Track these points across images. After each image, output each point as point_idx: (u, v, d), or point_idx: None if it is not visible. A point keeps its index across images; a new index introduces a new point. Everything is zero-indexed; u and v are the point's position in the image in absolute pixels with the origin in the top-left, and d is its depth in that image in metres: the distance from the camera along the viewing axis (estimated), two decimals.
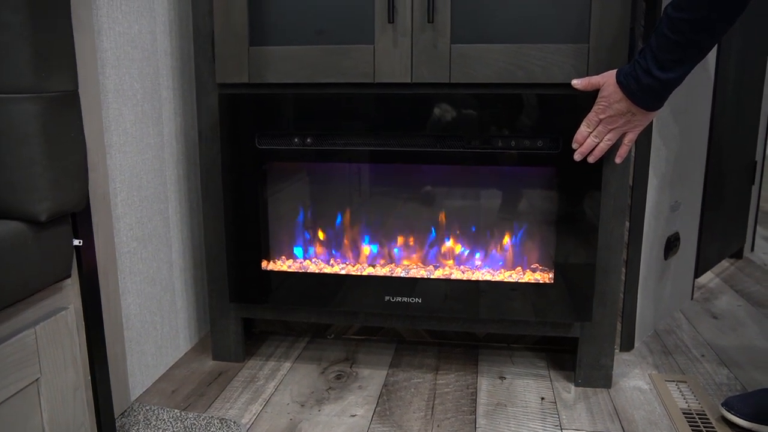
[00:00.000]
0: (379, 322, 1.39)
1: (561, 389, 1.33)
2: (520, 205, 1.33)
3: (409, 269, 1.34)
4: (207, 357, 1.46)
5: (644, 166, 1.39)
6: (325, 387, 1.33)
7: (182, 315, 1.47)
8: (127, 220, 1.24)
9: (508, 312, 1.29)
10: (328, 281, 1.34)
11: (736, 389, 1.32)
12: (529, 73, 1.18)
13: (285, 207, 1.39)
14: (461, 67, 1.20)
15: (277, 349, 1.51)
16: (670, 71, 1.05)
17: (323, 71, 1.23)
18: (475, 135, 1.23)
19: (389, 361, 1.44)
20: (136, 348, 1.28)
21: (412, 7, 1.18)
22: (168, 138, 1.37)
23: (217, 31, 1.25)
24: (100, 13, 1.12)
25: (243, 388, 1.33)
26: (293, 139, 1.28)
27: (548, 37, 1.17)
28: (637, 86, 1.08)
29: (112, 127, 1.17)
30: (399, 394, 1.30)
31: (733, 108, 1.87)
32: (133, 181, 1.25)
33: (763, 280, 2.02)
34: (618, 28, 1.15)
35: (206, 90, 1.30)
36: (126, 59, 1.20)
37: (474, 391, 1.31)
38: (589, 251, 1.24)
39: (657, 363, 1.44)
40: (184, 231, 1.46)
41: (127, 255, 1.24)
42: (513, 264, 1.34)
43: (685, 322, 1.68)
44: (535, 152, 1.22)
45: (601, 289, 1.28)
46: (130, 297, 1.26)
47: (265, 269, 1.35)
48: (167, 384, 1.35)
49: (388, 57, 1.21)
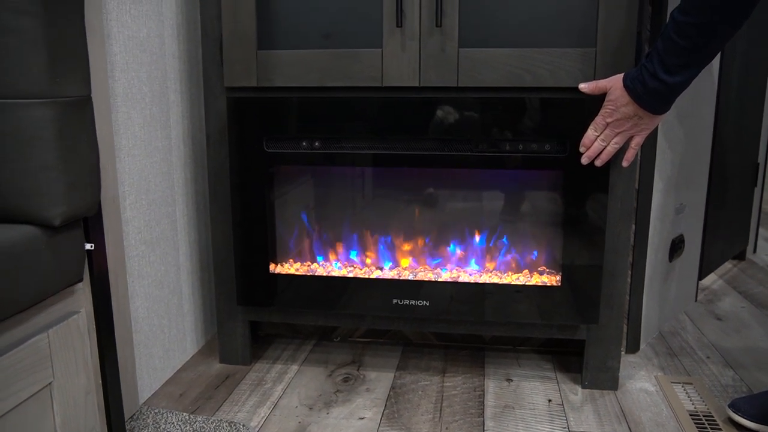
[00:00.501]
0: (386, 324, 1.39)
1: (568, 391, 1.33)
2: (527, 208, 1.34)
3: (417, 272, 1.34)
4: (214, 360, 1.47)
5: (650, 169, 1.39)
6: (332, 390, 1.33)
7: (189, 318, 1.47)
8: (136, 223, 1.24)
9: (515, 315, 1.30)
10: (335, 284, 1.34)
11: (741, 391, 1.33)
12: (537, 77, 1.18)
13: (293, 210, 1.39)
14: (469, 71, 1.20)
15: (284, 352, 1.51)
16: (677, 75, 1.05)
17: (331, 75, 1.24)
18: (482, 138, 1.23)
19: (396, 364, 1.45)
20: (144, 351, 1.29)
21: (420, 11, 1.19)
22: (176, 141, 1.38)
23: (225, 34, 1.25)
24: (110, 17, 1.12)
25: (251, 391, 1.33)
26: (301, 143, 1.29)
27: (555, 41, 1.18)
28: (643, 90, 1.08)
29: (121, 130, 1.18)
30: (407, 396, 1.31)
31: (735, 111, 1.88)
32: (142, 184, 1.25)
33: (766, 282, 2.03)
34: (624, 32, 1.15)
35: (214, 93, 1.31)
36: (135, 63, 1.21)
37: (481, 394, 1.32)
38: (595, 254, 1.25)
39: (663, 365, 1.45)
40: (192, 234, 1.47)
41: (136, 258, 1.25)
42: (520, 267, 1.34)
43: (689, 323, 1.69)
44: (542, 156, 1.23)
45: (607, 292, 1.28)
46: (138, 300, 1.26)
47: (273, 272, 1.35)
48: (175, 387, 1.35)
49: (396, 61, 1.21)
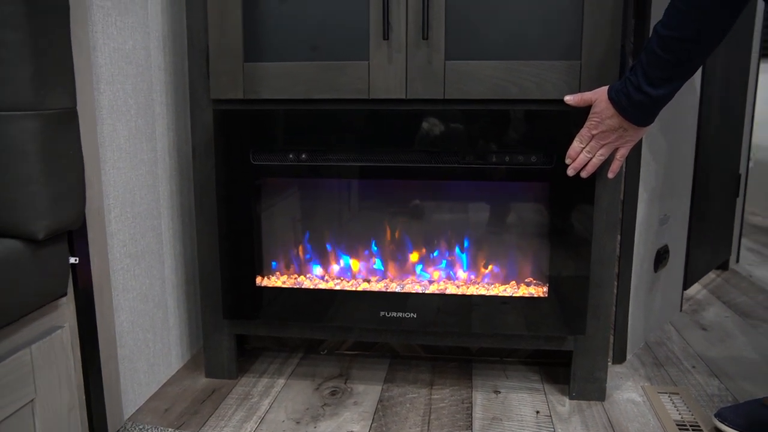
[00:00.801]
0: (373, 337, 1.39)
1: (555, 402, 1.33)
2: (514, 219, 1.34)
3: (404, 284, 1.34)
4: (199, 374, 1.45)
5: (635, 180, 1.40)
6: (320, 403, 1.32)
7: (174, 332, 1.46)
8: (121, 236, 1.23)
9: (502, 326, 1.30)
10: (322, 296, 1.34)
11: (727, 400, 1.34)
12: (523, 90, 1.19)
13: (280, 222, 1.39)
14: (456, 83, 1.21)
15: (270, 365, 1.50)
16: (660, 88, 1.07)
17: (318, 87, 1.24)
18: (469, 150, 1.24)
19: (383, 377, 1.44)
20: (128, 366, 1.27)
21: (407, 23, 1.19)
22: (161, 154, 1.37)
23: (212, 46, 1.25)
24: (95, 29, 1.11)
25: (237, 405, 1.32)
26: (288, 155, 1.29)
27: (541, 54, 1.19)
28: (628, 102, 1.09)
29: (107, 143, 1.17)
30: (395, 409, 1.30)
31: (717, 123, 1.91)
32: (127, 197, 1.24)
33: (749, 291, 2.05)
34: (609, 45, 1.17)
35: (201, 106, 1.30)
36: (120, 75, 1.20)
37: (469, 406, 1.31)
38: (582, 265, 1.26)
39: (649, 375, 1.45)
40: (177, 247, 1.45)
41: (121, 272, 1.23)
42: (507, 278, 1.34)
43: (675, 333, 1.70)
44: (528, 167, 1.23)
45: (594, 303, 1.29)
46: (123, 314, 1.25)
47: (260, 285, 1.34)
48: (160, 402, 1.33)
49: (382, 73, 1.22)
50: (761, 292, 2.05)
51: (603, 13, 1.15)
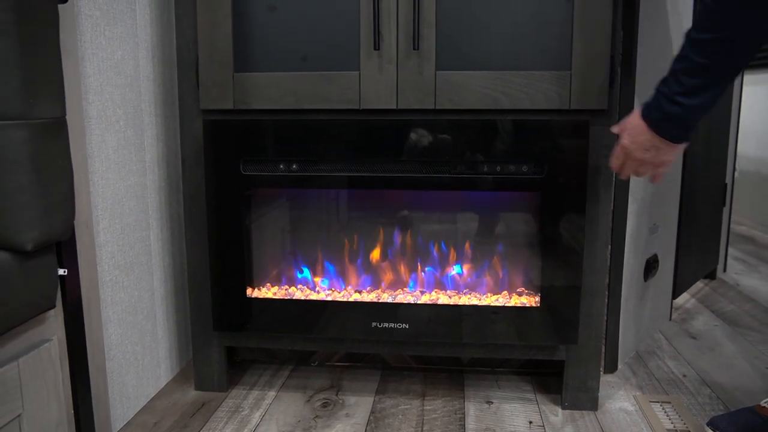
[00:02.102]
0: (365, 348, 1.38)
1: (548, 412, 1.33)
2: (505, 229, 1.34)
3: (396, 295, 1.33)
4: (189, 387, 1.43)
5: (624, 190, 1.41)
6: (311, 415, 1.31)
7: (163, 344, 1.44)
8: (109, 248, 1.21)
9: (494, 336, 1.29)
10: (313, 308, 1.33)
11: (719, 408, 1.34)
12: (514, 100, 1.20)
13: (270, 233, 1.38)
14: (446, 94, 1.21)
15: (261, 377, 1.48)
16: (695, 97, 0.99)
17: (308, 98, 1.24)
18: (460, 160, 1.24)
19: (375, 388, 1.43)
20: (117, 379, 1.25)
21: (398, 34, 1.20)
22: (150, 164, 1.36)
23: (201, 57, 1.24)
24: (84, 38, 1.11)
25: (228, 418, 1.30)
26: (278, 166, 1.28)
27: (532, 65, 1.20)
28: (659, 116, 1.02)
29: (95, 153, 1.16)
30: (387, 421, 1.29)
31: (704, 134, 1.93)
32: (116, 208, 1.23)
33: (736, 300, 2.07)
34: (598, 55, 1.18)
35: (190, 116, 1.29)
36: (109, 85, 1.19)
37: (462, 417, 1.31)
38: (573, 274, 1.26)
39: (641, 384, 1.45)
40: (166, 258, 1.44)
41: (109, 284, 1.22)
42: (499, 288, 1.34)
43: (665, 342, 1.70)
44: (520, 177, 1.24)
45: (586, 312, 1.29)
46: (112, 327, 1.23)
47: (250, 296, 1.33)
48: (149, 416, 1.31)
49: (373, 83, 1.22)
50: (749, 300, 2.07)
51: (592, 24, 1.16)
